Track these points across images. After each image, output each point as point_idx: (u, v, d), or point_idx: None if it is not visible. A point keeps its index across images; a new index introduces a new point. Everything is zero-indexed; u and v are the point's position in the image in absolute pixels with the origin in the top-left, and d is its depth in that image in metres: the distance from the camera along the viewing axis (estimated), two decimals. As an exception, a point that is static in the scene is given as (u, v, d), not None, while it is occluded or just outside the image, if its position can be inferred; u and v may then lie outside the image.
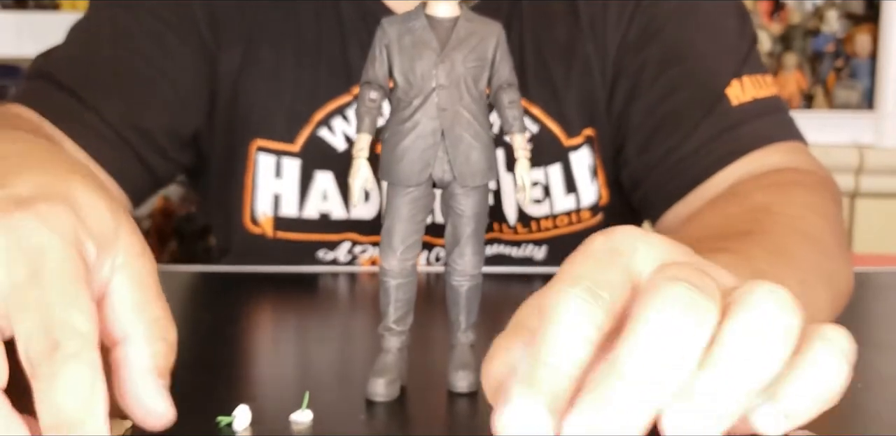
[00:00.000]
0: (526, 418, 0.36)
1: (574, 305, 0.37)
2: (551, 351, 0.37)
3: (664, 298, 0.36)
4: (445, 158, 0.52)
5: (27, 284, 0.39)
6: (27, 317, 0.38)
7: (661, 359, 0.35)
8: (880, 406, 0.56)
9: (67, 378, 0.38)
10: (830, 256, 0.66)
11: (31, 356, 0.38)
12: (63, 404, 0.38)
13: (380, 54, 0.52)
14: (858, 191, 1.95)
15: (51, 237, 0.40)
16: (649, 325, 0.36)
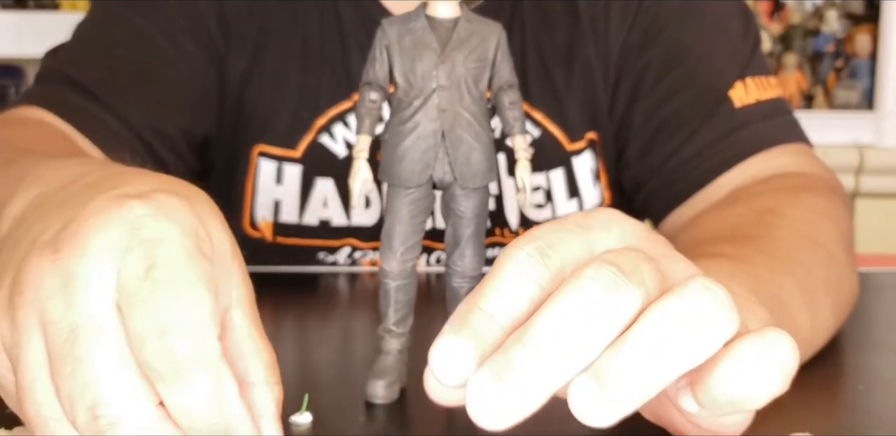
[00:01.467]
0: (451, 355, 0.37)
1: (521, 260, 0.39)
2: (488, 299, 0.38)
3: (588, 278, 0.37)
4: (446, 160, 0.52)
5: (143, 279, 0.36)
6: (139, 314, 0.36)
7: (569, 334, 0.36)
8: (881, 408, 0.56)
9: (193, 388, 0.36)
10: (837, 262, 0.66)
11: (148, 361, 0.36)
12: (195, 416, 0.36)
13: (380, 55, 0.51)
14: (858, 191, 1.95)
15: (170, 229, 0.38)
16: (563, 301, 0.37)
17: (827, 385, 0.59)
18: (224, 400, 0.36)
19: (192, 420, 0.36)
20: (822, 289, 0.61)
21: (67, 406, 0.36)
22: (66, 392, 0.36)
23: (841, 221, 0.71)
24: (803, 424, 0.49)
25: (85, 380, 0.36)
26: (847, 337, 0.66)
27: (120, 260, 0.37)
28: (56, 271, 0.37)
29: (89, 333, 0.36)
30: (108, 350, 0.36)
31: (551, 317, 0.37)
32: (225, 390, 0.36)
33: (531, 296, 0.38)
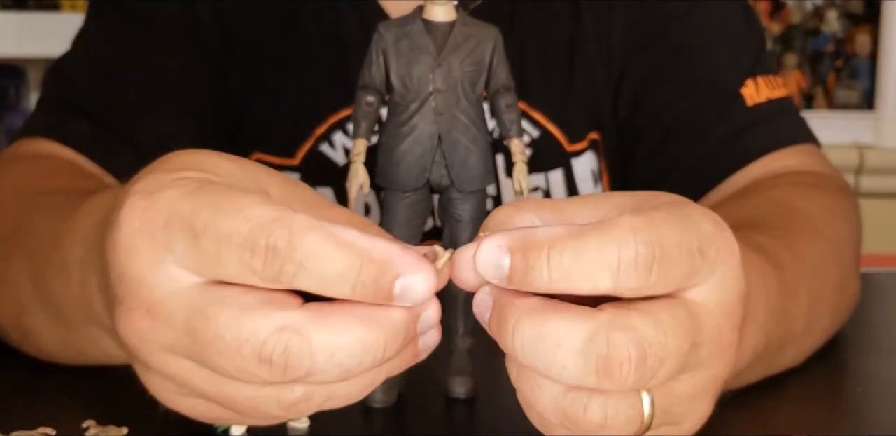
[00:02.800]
0: (493, 260, 0.37)
1: (624, 256, 0.35)
2: (565, 257, 0.35)
3: (607, 341, 0.35)
4: (443, 163, 0.51)
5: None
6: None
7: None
8: (879, 410, 0.55)
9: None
10: (845, 266, 0.66)
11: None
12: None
13: (376, 58, 0.51)
14: (858, 191, 1.94)
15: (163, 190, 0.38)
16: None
17: (826, 388, 0.59)
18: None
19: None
20: (829, 293, 0.61)
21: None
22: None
23: (851, 222, 0.71)
24: (802, 426, 0.49)
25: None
26: (846, 339, 0.66)
27: (171, 255, 0.37)
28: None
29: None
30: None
31: (550, 333, 0.36)
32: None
33: (598, 287, 0.36)
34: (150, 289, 0.37)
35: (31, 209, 0.62)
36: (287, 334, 0.35)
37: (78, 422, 0.49)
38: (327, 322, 0.35)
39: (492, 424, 0.52)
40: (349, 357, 0.35)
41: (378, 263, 0.36)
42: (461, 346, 0.54)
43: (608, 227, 0.36)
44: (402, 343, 0.36)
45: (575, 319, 0.35)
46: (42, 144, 0.77)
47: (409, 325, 0.37)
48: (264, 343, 0.35)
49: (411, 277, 0.36)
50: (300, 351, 0.35)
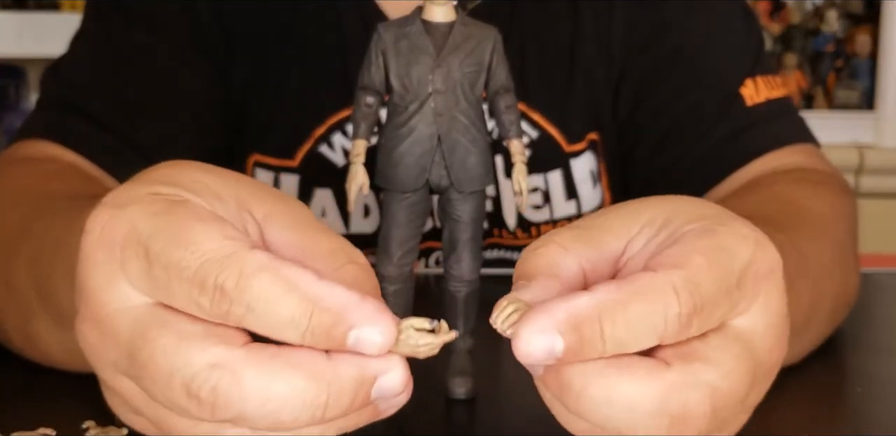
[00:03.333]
0: (544, 349, 0.35)
1: (670, 315, 0.36)
2: (617, 327, 0.35)
3: (682, 403, 0.36)
4: (442, 164, 0.51)
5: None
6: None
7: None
8: (879, 411, 0.55)
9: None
10: (847, 265, 0.66)
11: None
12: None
13: (376, 59, 0.51)
14: (858, 191, 1.94)
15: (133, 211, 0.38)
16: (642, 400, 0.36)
17: (825, 388, 0.59)
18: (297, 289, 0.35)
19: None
20: (830, 290, 0.61)
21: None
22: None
23: (853, 221, 0.71)
24: (801, 427, 0.49)
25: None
26: (845, 339, 0.66)
27: (124, 274, 0.37)
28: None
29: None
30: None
31: (622, 397, 0.36)
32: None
33: (649, 344, 0.36)
34: (102, 303, 0.37)
35: (34, 214, 0.62)
36: (219, 372, 0.34)
37: (78, 423, 0.49)
38: (266, 367, 0.34)
39: (492, 424, 0.52)
40: (283, 409, 0.34)
41: (331, 312, 0.34)
42: (461, 346, 0.54)
43: (651, 291, 0.36)
44: (346, 407, 0.35)
45: (644, 381, 0.36)
46: (42, 146, 0.77)
47: (360, 387, 0.35)
48: (194, 377, 0.34)
49: (366, 330, 0.35)
50: (229, 392, 0.34)
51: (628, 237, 0.41)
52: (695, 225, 0.39)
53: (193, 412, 0.34)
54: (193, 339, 0.34)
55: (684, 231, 0.39)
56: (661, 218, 0.40)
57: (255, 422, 0.34)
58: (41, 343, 0.57)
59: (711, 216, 0.40)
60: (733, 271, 0.37)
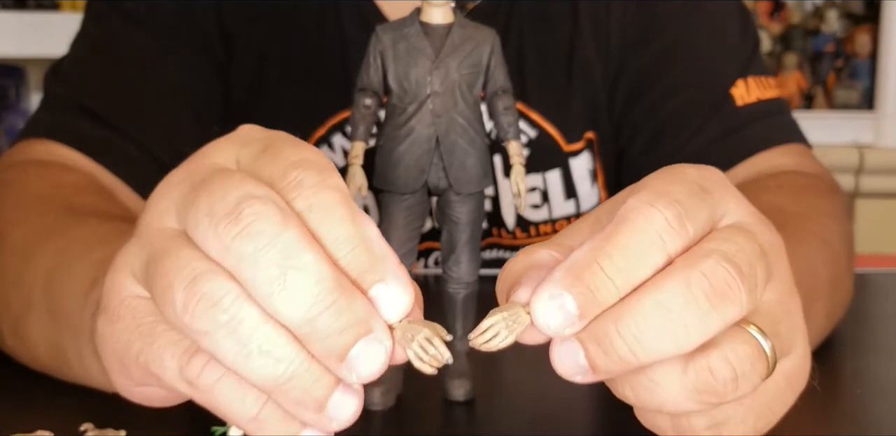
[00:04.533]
0: (557, 308, 0.36)
1: (659, 227, 0.37)
2: (611, 259, 0.36)
3: (702, 273, 0.36)
4: (441, 165, 0.51)
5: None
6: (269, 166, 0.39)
7: (661, 330, 0.36)
8: (880, 413, 0.55)
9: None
10: (839, 264, 0.66)
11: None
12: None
13: (374, 61, 0.51)
14: (858, 191, 1.94)
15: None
16: (670, 293, 0.36)
17: (824, 389, 0.58)
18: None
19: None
20: (823, 289, 0.61)
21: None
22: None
23: (843, 223, 0.71)
24: (800, 430, 0.49)
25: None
26: (845, 340, 0.66)
27: (237, 150, 0.40)
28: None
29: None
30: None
31: (652, 307, 0.36)
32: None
33: (657, 264, 0.36)
34: (204, 158, 0.40)
35: (68, 218, 0.62)
36: (273, 206, 0.35)
37: (76, 425, 0.49)
38: (310, 240, 0.35)
39: (491, 426, 0.52)
40: (297, 273, 0.34)
41: (372, 256, 0.36)
42: (459, 348, 0.54)
43: (626, 214, 0.37)
44: (338, 330, 0.34)
45: (661, 286, 0.36)
46: (51, 147, 0.76)
47: (358, 322, 0.35)
48: (252, 196, 0.35)
49: (392, 289, 0.36)
50: (269, 226, 0.34)
51: (589, 227, 0.41)
52: (639, 186, 0.40)
53: (219, 229, 0.35)
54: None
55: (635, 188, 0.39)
56: (613, 209, 0.40)
57: (260, 269, 0.34)
58: (31, 342, 0.57)
59: (644, 179, 0.40)
60: (690, 181, 0.39)
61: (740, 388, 0.37)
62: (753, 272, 0.37)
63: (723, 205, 0.39)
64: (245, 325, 0.34)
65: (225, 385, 0.36)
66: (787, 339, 0.39)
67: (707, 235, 0.38)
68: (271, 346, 0.34)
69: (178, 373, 0.37)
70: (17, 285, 0.59)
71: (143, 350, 0.37)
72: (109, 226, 0.60)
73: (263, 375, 0.35)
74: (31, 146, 0.77)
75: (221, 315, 0.34)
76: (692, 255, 0.36)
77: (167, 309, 0.36)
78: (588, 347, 0.36)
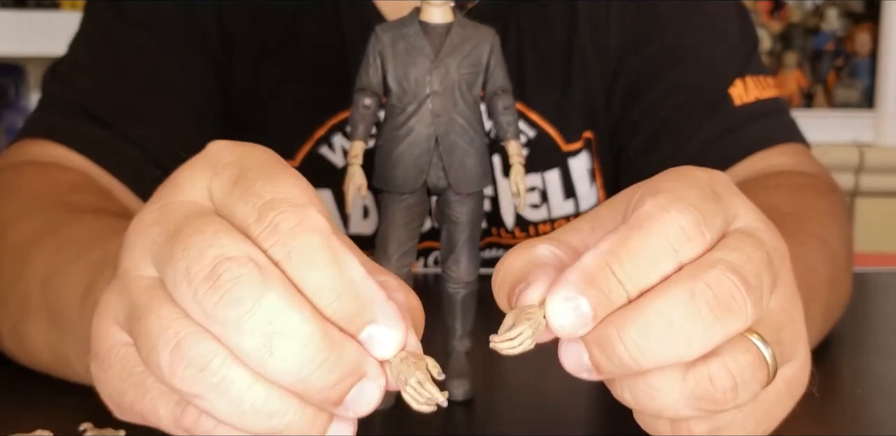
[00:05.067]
0: (570, 310, 0.36)
1: (673, 234, 0.36)
2: (623, 264, 0.36)
3: (706, 285, 0.36)
4: (440, 165, 0.51)
5: (233, 187, 0.38)
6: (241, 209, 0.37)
7: (663, 339, 0.35)
8: (880, 413, 0.55)
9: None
10: (838, 264, 0.66)
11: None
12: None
13: (373, 61, 0.51)
14: (858, 190, 1.94)
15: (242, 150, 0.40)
16: (672, 303, 0.35)
17: (824, 389, 0.58)
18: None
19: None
20: (822, 289, 0.61)
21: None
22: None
23: (842, 223, 0.71)
24: (799, 430, 0.49)
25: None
26: (845, 339, 0.66)
27: (209, 182, 0.38)
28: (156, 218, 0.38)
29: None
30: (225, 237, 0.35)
31: (654, 315, 0.35)
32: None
33: (668, 271, 0.36)
34: (177, 193, 0.38)
35: (64, 217, 0.62)
36: (254, 267, 0.34)
37: (75, 425, 0.49)
38: (293, 297, 0.34)
39: (490, 425, 0.52)
40: (283, 337, 0.33)
41: (360, 300, 0.35)
42: (459, 348, 0.54)
43: (641, 220, 0.37)
44: (330, 384, 0.34)
45: (665, 295, 0.36)
46: (49, 147, 0.76)
47: (353, 371, 0.34)
48: (229, 258, 0.34)
49: (383, 329, 0.35)
50: (249, 290, 0.33)
51: (590, 234, 0.41)
52: (643, 193, 0.39)
53: (199, 295, 0.34)
54: (244, 237, 0.35)
55: (639, 192, 0.39)
56: (620, 208, 0.40)
57: (245, 337, 0.33)
58: (30, 345, 0.57)
59: (652, 181, 0.40)
60: (704, 185, 0.38)
61: (740, 396, 0.37)
62: (760, 283, 0.37)
63: (732, 210, 0.39)
64: (236, 387, 0.34)
65: (223, 432, 0.36)
66: (788, 346, 0.39)
67: (717, 241, 0.38)
68: (264, 404, 0.34)
69: (174, 423, 0.37)
70: (14, 288, 0.59)
71: (136, 400, 0.37)
72: (105, 222, 0.60)
73: (258, 428, 0.35)
74: (27, 147, 0.77)
75: (211, 379, 0.34)
76: (698, 265, 0.36)
77: (154, 370, 0.35)
78: (592, 349, 0.36)
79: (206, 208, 0.37)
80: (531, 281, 0.38)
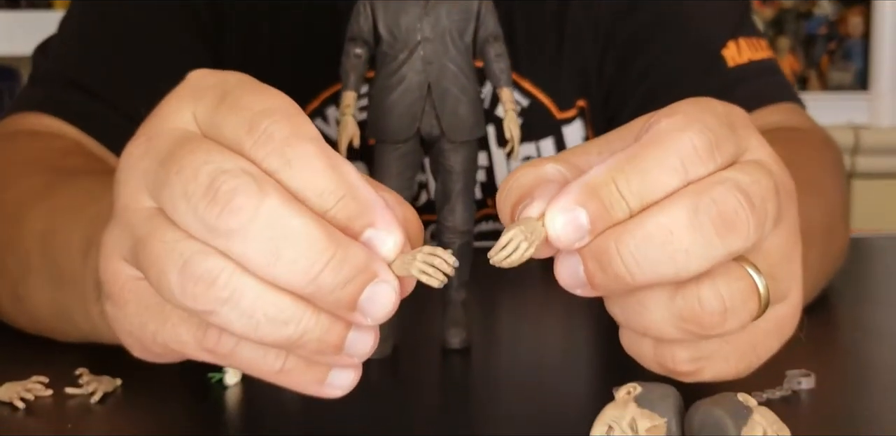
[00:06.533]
0: (569, 221, 0.35)
1: (685, 152, 0.36)
2: (629, 180, 0.35)
3: (712, 200, 0.35)
4: (433, 113, 0.51)
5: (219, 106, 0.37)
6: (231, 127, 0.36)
7: (662, 255, 0.35)
8: (880, 353, 0.55)
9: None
10: (834, 214, 0.66)
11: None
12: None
13: (364, 9, 0.51)
14: (854, 171, 1.95)
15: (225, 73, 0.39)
16: (676, 216, 0.35)
17: (825, 333, 0.58)
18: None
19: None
20: (818, 238, 0.61)
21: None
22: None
23: (837, 174, 0.71)
24: (801, 364, 0.49)
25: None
26: (843, 295, 0.66)
27: (193, 106, 0.37)
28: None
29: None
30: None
31: (654, 229, 0.35)
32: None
33: (673, 188, 0.36)
34: (164, 120, 0.37)
35: (58, 179, 0.62)
36: (248, 178, 0.33)
37: (71, 370, 0.49)
38: (291, 202, 0.34)
39: (486, 372, 0.52)
40: (287, 241, 0.33)
41: (359, 203, 0.34)
42: (455, 298, 0.54)
43: (655, 136, 0.36)
44: (340, 283, 0.34)
45: (668, 208, 0.35)
46: (39, 118, 0.76)
47: (362, 270, 0.34)
48: (223, 172, 0.33)
49: (383, 233, 0.35)
50: (247, 198, 0.33)
51: (598, 149, 0.40)
52: (657, 121, 0.38)
53: (199, 211, 0.33)
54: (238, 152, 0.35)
55: (654, 116, 0.38)
56: (629, 137, 0.40)
57: (250, 244, 0.33)
58: (31, 304, 0.57)
59: (668, 109, 0.39)
60: (722, 114, 0.38)
61: (727, 323, 0.37)
62: (764, 207, 0.36)
63: (745, 142, 0.38)
64: (247, 297, 0.34)
65: (244, 349, 0.36)
66: (782, 284, 0.39)
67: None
68: (277, 311, 0.34)
69: (197, 345, 0.36)
70: (12, 250, 0.59)
71: (158, 330, 0.37)
72: (99, 181, 0.60)
73: (276, 338, 0.34)
74: (18, 119, 0.77)
75: (221, 293, 0.34)
76: (705, 181, 0.36)
77: (166, 294, 0.35)
78: (588, 262, 0.36)
79: (193, 133, 0.37)
80: (536, 196, 0.37)
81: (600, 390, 0.45)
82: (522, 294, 0.67)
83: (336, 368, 0.36)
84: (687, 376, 0.39)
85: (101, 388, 0.47)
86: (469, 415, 0.46)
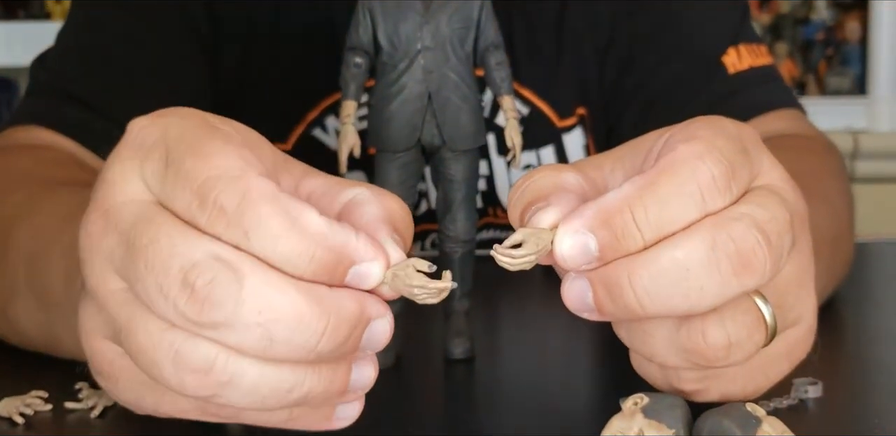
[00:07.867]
0: (578, 247, 0.35)
1: (704, 182, 0.35)
2: (645, 209, 0.35)
3: (730, 238, 0.34)
4: (434, 122, 0.51)
5: (165, 173, 0.36)
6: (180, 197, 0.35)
7: (675, 290, 0.34)
8: (886, 357, 0.55)
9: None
10: (840, 222, 0.66)
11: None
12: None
13: (363, 18, 0.51)
14: (853, 176, 1.95)
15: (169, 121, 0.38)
16: (691, 251, 0.34)
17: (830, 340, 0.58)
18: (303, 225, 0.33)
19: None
20: (825, 248, 0.61)
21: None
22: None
23: (842, 180, 0.71)
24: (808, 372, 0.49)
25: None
26: (846, 300, 0.66)
27: (140, 171, 0.36)
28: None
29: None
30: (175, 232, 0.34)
31: (670, 263, 0.34)
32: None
33: (690, 220, 0.35)
34: (114, 193, 0.36)
35: (41, 194, 0.61)
36: (222, 265, 0.32)
37: (70, 385, 0.49)
38: (271, 277, 0.33)
39: (490, 383, 0.52)
40: (278, 323, 0.32)
41: (334, 250, 0.33)
42: (458, 308, 0.54)
43: (673, 165, 0.35)
44: (340, 342, 0.33)
45: (684, 243, 0.34)
46: (35, 132, 0.76)
47: (357, 322, 0.34)
48: (195, 265, 0.32)
49: (365, 265, 0.34)
50: (227, 289, 0.32)
51: (611, 165, 0.40)
52: (673, 138, 0.38)
53: (180, 307, 0.32)
54: (201, 232, 0.33)
55: (667, 136, 0.38)
56: (644, 149, 0.39)
57: (241, 333, 0.32)
58: (20, 325, 0.57)
59: (682, 127, 0.39)
60: (735, 137, 0.37)
61: (732, 357, 0.36)
62: (781, 244, 0.35)
63: (758, 165, 0.38)
64: (248, 378, 0.33)
65: (250, 413, 0.36)
66: (794, 310, 0.39)
67: (742, 196, 0.37)
68: (279, 383, 0.34)
69: (202, 412, 0.36)
70: (1, 270, 0.58)
71: (157, 401, 0.37)
72: (80, 198, 0.59)
73: (282, 404, 0.34)
74: (16, 133, 0.77)
75: (220, 377, 0.33)
76: (723, 216, 0.35)
77: (161, 383, 0.34)
78: (598, 290, 0.35)
79: (148, 206, 0.35)
80: (552, 203, 0.37)
81: (607, 401, 0.45)
82: (525, 303, 0.66)
83: (341, 406, 0.36)
84: (695, 396, 0.39)
85: (101, 402, 0.46)
86: (473, 425, 0.46)
